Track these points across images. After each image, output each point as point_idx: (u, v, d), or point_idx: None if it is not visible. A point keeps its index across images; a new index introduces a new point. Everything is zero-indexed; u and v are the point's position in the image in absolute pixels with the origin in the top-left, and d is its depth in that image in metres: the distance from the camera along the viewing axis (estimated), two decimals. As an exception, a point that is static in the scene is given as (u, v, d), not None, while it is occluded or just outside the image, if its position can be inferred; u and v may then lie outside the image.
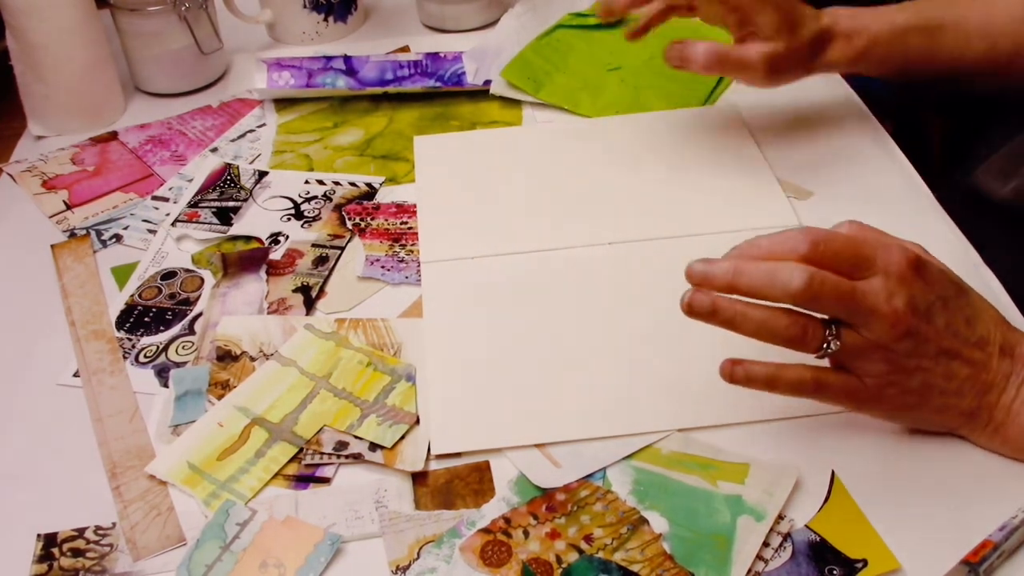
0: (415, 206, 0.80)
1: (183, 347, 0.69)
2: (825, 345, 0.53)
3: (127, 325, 0.71)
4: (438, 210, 0.79)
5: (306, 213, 0.81)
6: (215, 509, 0.57)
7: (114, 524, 0.58)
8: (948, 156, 1.00)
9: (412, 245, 0.76)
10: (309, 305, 0.72)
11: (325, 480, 0.59)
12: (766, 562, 0.53)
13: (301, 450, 0.61)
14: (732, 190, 0.79)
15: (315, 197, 0.82)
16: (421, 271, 0.73)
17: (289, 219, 0.80)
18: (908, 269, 0.53)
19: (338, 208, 0.81)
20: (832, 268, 0.51)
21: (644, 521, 0.55)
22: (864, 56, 0.77)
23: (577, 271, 0.72)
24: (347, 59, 0.98)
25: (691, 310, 0.53)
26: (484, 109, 0.93)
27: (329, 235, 0.78)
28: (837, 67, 0.78)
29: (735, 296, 0.53)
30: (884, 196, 0.78)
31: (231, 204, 0.82)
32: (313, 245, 0.77)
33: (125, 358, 0.68)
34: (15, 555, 0.56)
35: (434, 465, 0.60)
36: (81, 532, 0.57)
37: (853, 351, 0.53)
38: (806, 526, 0.55)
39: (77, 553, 0.56)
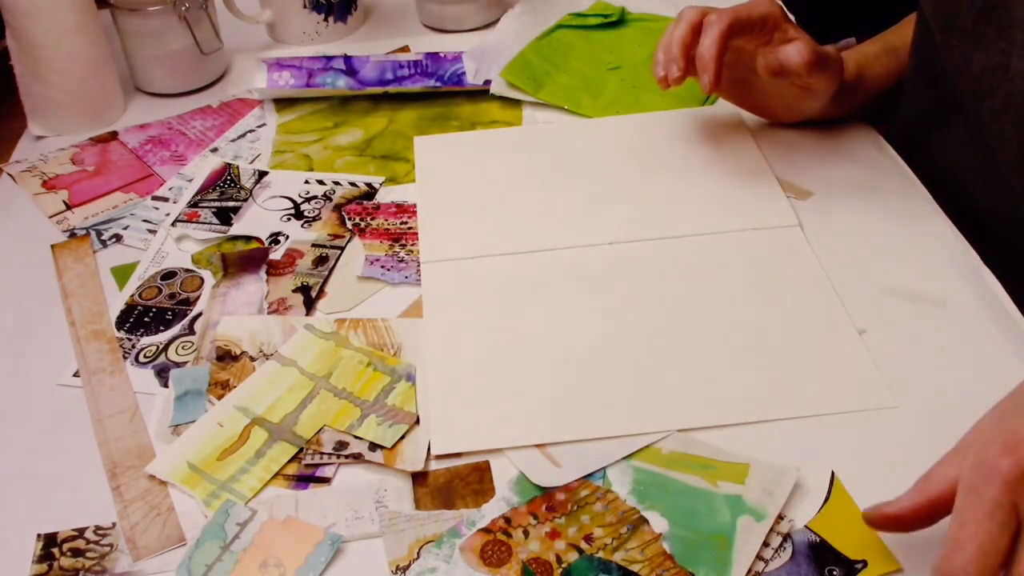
0: (415, 206, 0.80)
1: (183, 347, 0.69)
2: None
3: (127, 325, 0.71)
4: (438, 210, 0.79)
5: (306, 213, 0.81)
6: (215, 509, 0.57)
7: (114, 524, 0.58)
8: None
9: (412, 245, 0.76)
10: (309, 305, 0.72)
11: (325, 480, 0.59)
12: (766, 562, 0.53)
13: (301, 450, 0.61)
14: (732, 190, 0.79)
15: (315, 197, 0.82)
16: (421, 271, 0.73)
17: (289, 219, 0.80)
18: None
19: (338, 208, 0.81)
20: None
21: (644, 521, 0.55)
22: (858, 77, 0.83)
23: (576, 271, 0.72)
24: (347, 59, 0.98)
25: None
26: (484, 109, 0.93)
27: (329, 235, 0.78)
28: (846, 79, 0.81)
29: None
30: (884, 196, 0.78)
31: (231, 204, 0.82)
32: (313, 245, 0.77)
33: (125, 358, 0.68)
34: (15, 555, 0.56)
35: (434, 465, 0.60)
36: (81, 532, 0.57)
37: None
38: (806, 526, 0.55)
39: (77, 553, 0.56)
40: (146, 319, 0.72)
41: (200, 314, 0.72)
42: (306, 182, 0.84)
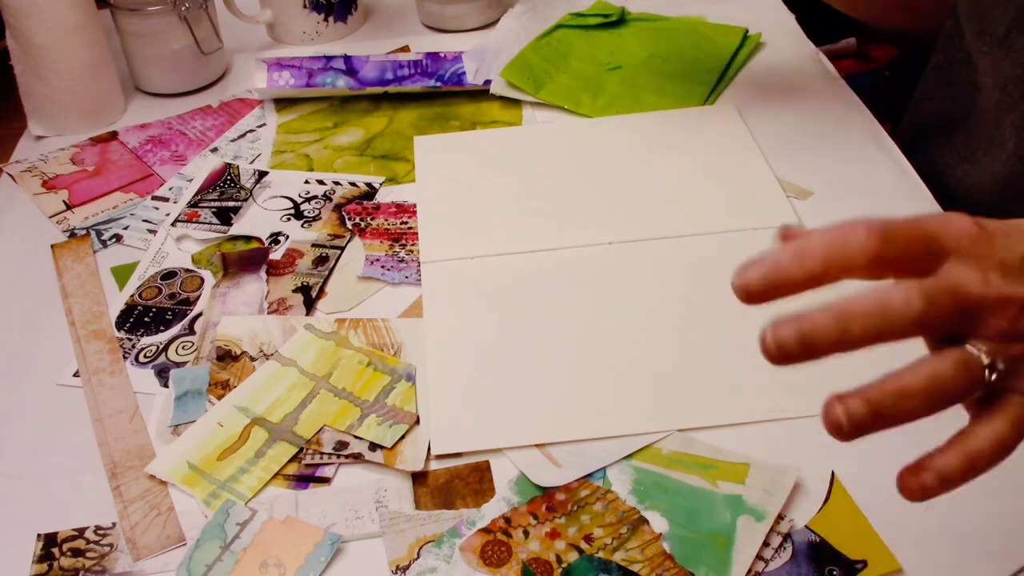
0: (415, 206, 0.80)
1: (183, 347, 0.69)
2: (988, 369, 0.40)
3: (127, 325, 0.71)
4: (438, 210, 0.79)
5: (306, 213, 0.81)
6: (215, 509, 0.57)
7: (114, 524, 0.58)
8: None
9: (412, 245, 0.76)
10: (309, 305, 0.72)
11: (325, 480, 0.59)
12: (766, 562, 0.53)
13: (301, 450, 0.61)
14: (732, 190, 0.79)
15: (315, 197, 0.82)
16: (421, 271, 0.73)
17: (289, 219, 0.80)
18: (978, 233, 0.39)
19: (338, 208, 0.81)
20: (906, 262, 0.39)
21: (644, 521, 0.55)
22: None
23: (577, 271, 0.72)
24: (347, 59, 0.98)
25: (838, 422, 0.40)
26: (484, 109, 0.92)
27: (329, 235, 0.78)
28: None
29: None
30: (884, 196, 0.78)
31: (231, 204, 0.82)
32: (313, 245, 0.77)
33: (125, 358, 0.68)
34: (15, 555, 0.56)
35: (434, 465, 0.60)
36: (81, 532, 0.57)
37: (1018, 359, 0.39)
38: (806, 526, 0.55)
39: (77, 553, 0.56)
40: (146, 319, 0.72)
41: (200, 314, 0.72)
42: (306, 182, 0.84)
